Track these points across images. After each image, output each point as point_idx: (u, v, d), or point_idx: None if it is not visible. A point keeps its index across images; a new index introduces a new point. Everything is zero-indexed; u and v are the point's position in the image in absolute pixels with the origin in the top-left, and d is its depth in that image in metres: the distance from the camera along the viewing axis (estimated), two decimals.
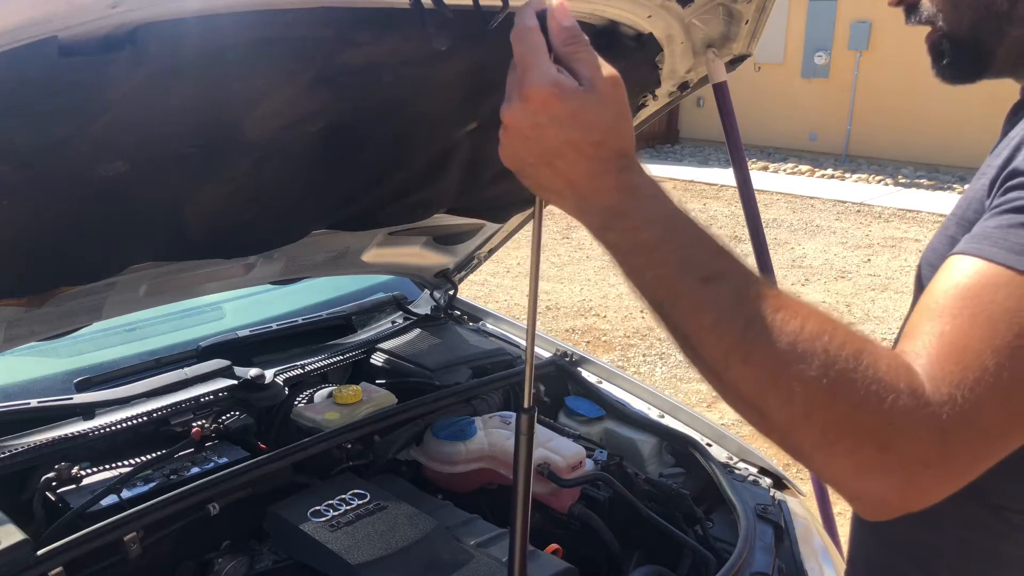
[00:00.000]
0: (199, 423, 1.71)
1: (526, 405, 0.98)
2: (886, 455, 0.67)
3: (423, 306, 2.44)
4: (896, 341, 1.10)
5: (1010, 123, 0.97)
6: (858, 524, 1.17)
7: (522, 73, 0.74)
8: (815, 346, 0.69)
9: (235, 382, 1.88)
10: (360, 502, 1.51)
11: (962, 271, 0.75)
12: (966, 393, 0.67)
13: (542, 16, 0.77)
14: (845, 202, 9.43)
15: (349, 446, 1.73)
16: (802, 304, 0.72)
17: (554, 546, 1.54)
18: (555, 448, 1.71)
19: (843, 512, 3.49)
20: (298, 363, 2.03)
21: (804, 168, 11.37)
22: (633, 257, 0.76)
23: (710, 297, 0.72)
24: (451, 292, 2.43)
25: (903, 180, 10.55)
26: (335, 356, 2.12)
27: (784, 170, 11.36)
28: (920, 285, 1.02)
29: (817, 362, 0.68)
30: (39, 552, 1.24)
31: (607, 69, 0.76)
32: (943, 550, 1.00)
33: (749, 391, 0.71)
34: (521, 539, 1.03)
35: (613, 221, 0.75)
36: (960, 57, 0.98)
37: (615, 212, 0.75)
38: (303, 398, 1.94)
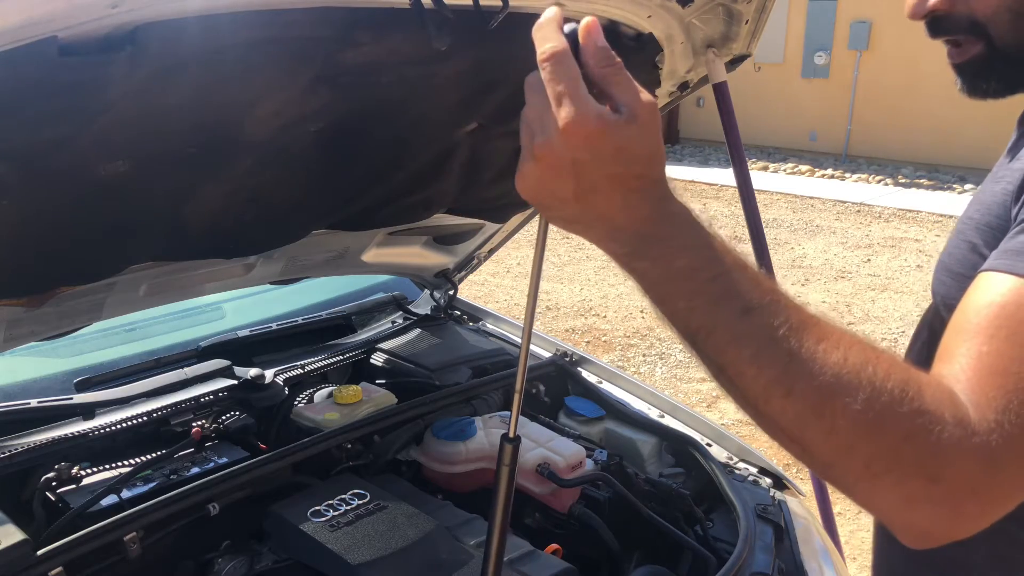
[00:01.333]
0: (199, 423, 1.71)
1: (511, 435, 0.93)
2: (934, 487, 0.66)
3: (423, 306, 2.44)
4: (909, 349, 1.09)
5: None
6: (882, 537, 1.15)
7: (558, 103, 0.68)
8: (860, 378, 0.66)
9: (235, 382, 1.87)
10: (360, 502, 1.51)
11: (995, 289, 0.73)
12: (1012, 418, 0.66)
13: (571, 35, 0.71)
14: (845, 202, 9.43)
15: (349, 446, 1.73)
16: (843, 333, 0.70)
17: (554, 546, 1.54)
18: (555, 448, 1.71)
19: (843, 512, 3.49)
20: (298, 363, 2.03)
21: (804, 168, 11.36)
22: (665, 285, 0.72)
23: (749, 328, 0.69)
24: (451, 292, 2.43)
25: (903, 180, 10.55)
26: (335, 356, 2.12)
27: (784, 170, 11.35)
28: (937, 292, 1.00)
29: (862, 395, 0.66)
30: (39, 552, 1.24)
31: (645, 95, 0.71)
32: (972, 566, 0.99)
33: (790, 424, 0.69)
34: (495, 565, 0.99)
35: (645, 249, 0.71)
36: (1013, 72, 0.92)
37: (649, 241, 0.71)
38: (303, 398, 1.94)
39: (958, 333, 0.72)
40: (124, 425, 1.69)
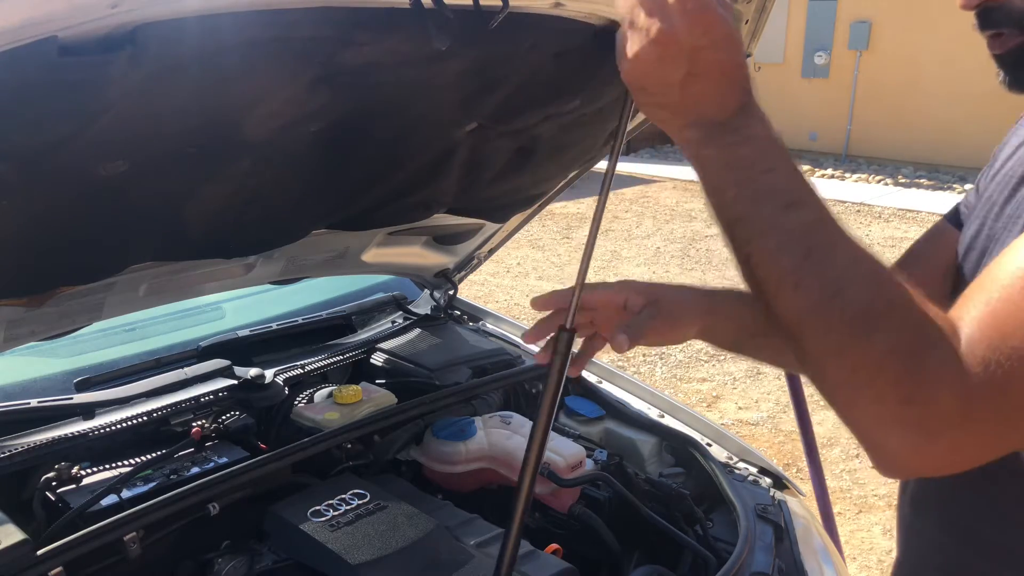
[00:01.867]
0: (199, 423, 1.71)
1: (568, 325, 1.04)
2: (907, 408, 0.66)
3: (423, 306, 2.44)
4: None
5: None
6: (909, 553, 1.11)
7: None
8: (864, 286, 0.69)
9: (235, 382, 1.87)
10: (360, 502, 1.51)
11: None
12: (1001, 360, 0.65)
13: None
14: (845, 202, 9.42)
15: (349, 446, 1.73)
16: (871, 252, 0.73)
17: (554, 546, 1.54)
18: (555, 448, 1.71)
19: (843, 512, 3.49)
20: (298, 363, 2.03)
21: (804, 168, 11.19)
22: (723, 173, 0.77)
23: (782, 222, 0.73)
24: (451, 292, 2.43)
25: (903, 180, 10.54)
26: (335, 356, 2.12)
27: None
28: None
29: (863, 299, 0.69)
30: (39, 552, 1.24)
31: None
32: None
33: (793, 318, 0.72)
34: (534, 464, 1.06)
35: (719, 136, 0.77)
36: None
37: (725, 129, 0.77)
38: (303, 398, 1.94)
39: (978, 284, 0.73)
40: (124, 425, 1.69)
